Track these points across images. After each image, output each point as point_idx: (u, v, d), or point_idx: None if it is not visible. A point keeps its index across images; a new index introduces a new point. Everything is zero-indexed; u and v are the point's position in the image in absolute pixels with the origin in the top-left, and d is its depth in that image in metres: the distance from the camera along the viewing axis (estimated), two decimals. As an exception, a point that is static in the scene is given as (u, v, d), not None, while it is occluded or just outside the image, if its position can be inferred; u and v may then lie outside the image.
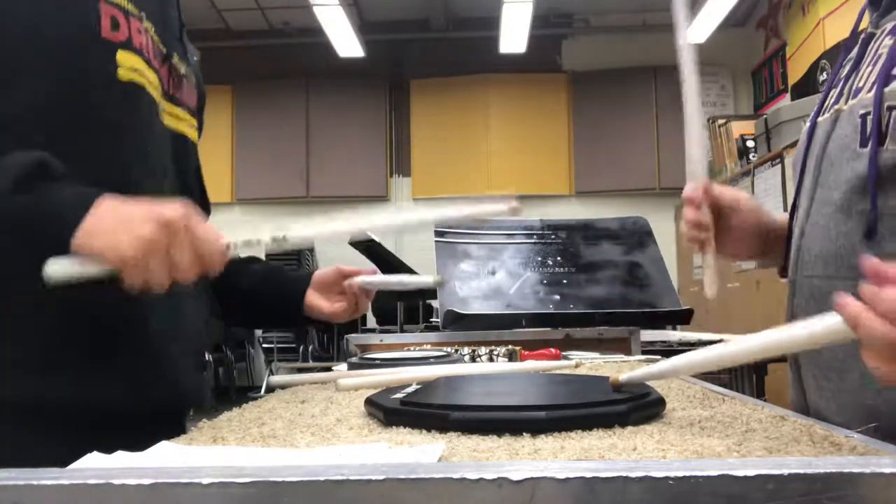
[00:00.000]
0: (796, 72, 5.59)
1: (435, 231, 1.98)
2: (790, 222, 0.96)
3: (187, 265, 0.72)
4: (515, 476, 0.42)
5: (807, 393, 0.90)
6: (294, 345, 6.78)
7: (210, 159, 1.15)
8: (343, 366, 1.32)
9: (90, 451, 0.54)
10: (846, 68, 0.92)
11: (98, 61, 0.83)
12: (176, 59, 0.97)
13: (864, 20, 0.95)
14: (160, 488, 0.42)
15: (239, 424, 0.74)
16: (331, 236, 0.90)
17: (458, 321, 1.77)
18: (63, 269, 0.72)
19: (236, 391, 6.52)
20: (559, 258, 2.00)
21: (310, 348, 6.77)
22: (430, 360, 1.17)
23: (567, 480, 0.42)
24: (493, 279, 1.93)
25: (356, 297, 1.18)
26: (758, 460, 0.46)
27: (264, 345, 6.93)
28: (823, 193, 0.87)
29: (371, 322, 6.20)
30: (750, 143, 4.84)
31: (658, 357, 1.47)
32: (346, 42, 6.42)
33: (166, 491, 0.42)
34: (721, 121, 5.39)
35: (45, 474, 0.43)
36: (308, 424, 0.72)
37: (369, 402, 0.76)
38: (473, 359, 1.32)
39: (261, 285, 1.18)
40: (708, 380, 1.05)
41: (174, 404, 0.96)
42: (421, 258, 2.16)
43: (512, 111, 7.13)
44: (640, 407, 0.69)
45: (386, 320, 5.48)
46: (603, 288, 1.94)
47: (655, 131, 6.79)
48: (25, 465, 0.45)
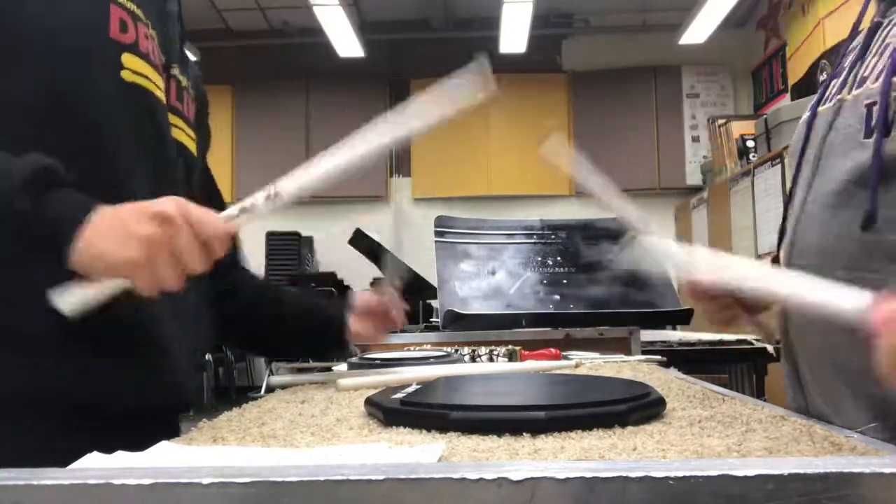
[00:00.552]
0: (796, 72, 5.59)
1: (435, 231, 1.98)
2: (785, 212, 0.95)
3: (194, 254, 0.71)
4: (515, 476, 0.42)
5: (805, 390, 0.89)
6: (294, 345, 6.76)
7: (210, 159, 1.15)
8: (343, 366, 1.32)
9: (86, 449, 0.54)
10: (849, 57, 0.91)
11: (103, 60, 0.83)
12: (177, 71, 0.97)
13: (866, 18, 0.94)
14: (160, 488, 0.42)
15: (239, 424, 0.74)
16: (325, 178, 0.87)
17: (458, 321, 1.77)
18: (76, 298, 0.70)
19: (236, 391, 6.52)
20: (559, 258, 2.00)
21: (310, 348, 6.75)
22: (430, 360, 1.17)
23: (567, 480, 0.42)
24: (493, 279, 1.93)
25: (392, 321, 1.21)
26: (758, 460, 0.46)
27: (264, 345, 6.92)
28: (821, 183, 0.86)
29: (371, 322, 6.19)
30: (750, 143, 4.85)
31: (658, 357, 1.46)
32: (346, 42, 6.42)
33: (166, 491, 0.42)
34: (721, 121, 5.39)
35: (45, 474, 0.43)
36: (308, 424, 0.72)
37: (369, 402, 0.76)
38: (473, 359, 1.32)
39: (305, 314, 1.20)
40: (708, 380, 1.05)
41: (171, 403, 0.97)
42: (421, 258, 2.16)
43: (512, 111, 7.13)
44: (640, 407, 0.69)
45: (386, 320, 5.46)
46: (603, 288, 1.94)
47: (655, 131, 6.78)
48: (22, 463, 0.45)
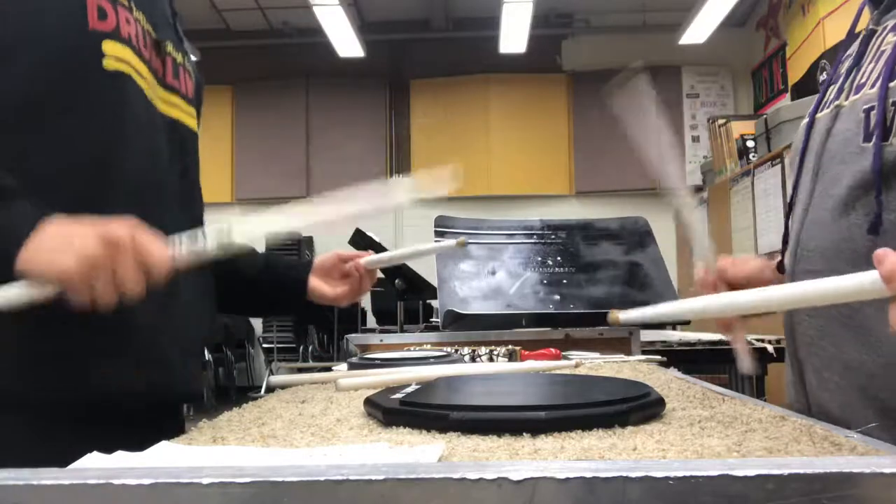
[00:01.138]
0: (796, 72, 5.59)
1: (435, 231, 1.98)
2: (787, 218, 0.96)
3: (132, 279, 0.73)
4: (515, 476, 0.42)
5: (808, 390, 0.89)
6: (294, 345, 6.78)
7: (210, 159, 1.15)
8: (343, 366, 1.32)
9: (86, 449, 0.54)
10: (846, 64, 0.92)
11: (84, 51, 0.84)
12: (170, 48, 0.97)
13: (861, 21, 0.95)
14: (160, 488, 0.42)
15: (239, 424, 0.74)
16: (280, 230, 0.88)
17: (458, 321, 1.77)
18: (4, 295, 0.72)
19: (236, 391, 6.52)
20: (559, 258, 2.00)
21: (310, 348, 6.77)
22: (430, 360, 1.17)
23: (567, 480, 0.42)
24: (493, 279, 1.93)
25: (359, 280, 1.20)
26: (758, 460, 0.46)
27: (264, 345, 6.93)
28: (823, 189, 0.86)
29: (371, 322, 6.21)
30: (750, 143, 4.84)
31: (658, 357, 1.47)
32: (346, 42, 6.42)
33: (166, 491, 0.42)
34: (721, 121, 5.39)
35: (45, 474, 0.43)
36: (308, 424, 0.72)
37: (369, 402, 0.76)
38: (473, 359, 1.32)
39: (263, 272, 1.19)
40: (708, 380, 1.05)
41: (169, 398, 0.97)
42: (421, 258, 2.15)
43: (512, 111, 7.13)
44: (640, 407, 0.69)
45: (386, 320, 5.48)
46: (603, 288, 1.94)
47: (655, 131, 6.78)
48: (18, 459, 0.45)
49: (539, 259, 2.00)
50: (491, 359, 1.32)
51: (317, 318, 6.43)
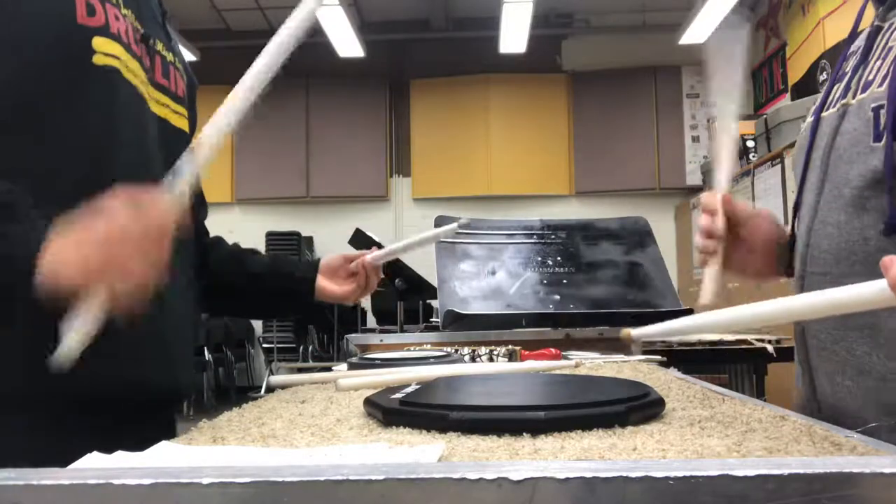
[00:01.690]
0: (796, 72, 5.59)
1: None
2: (794, 220, 0.95)
3: (153, 238, 0.70)
4: (515, 476, 0.42)
5: (819, 395, 0.88)
6: (294, 345, 6.78)
7: (210, 159, 1.14)
8: (343, 366, 1.32)
9: (86, 449, 0.54)
10: (851, 62, 0.90)
11: (73, 46, 0.83)
12: (160, 47, 0.97)
13: (865, 20, 0.94)
14: (160, 488, 0.42)
15: (239, 424, 0.74)
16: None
17: (458, 321, 1.77)
18: (72, 341, 0.69)
19: (236, 391, 6.52)
20: (559, 258, 2.00)
21: (310, 348, 6.77)
22: (430, 360, 1.17)
23: (567, 480, 0.42)
24: (493, 279, 1.93)
25: (366, 277, 1.21)
26: (758, 460, 0.46)
27: (264, 345, 6.93)
28: (832, 189, 0.85)
29: (371, 322, 6.21)
30: (750, 143, 4.84)
31: (658, 357, 1.47)
32: (346, 42, 6.42)
33: (166, 491, 0.42)
34: (721, 121, 5.37)
35: (45, 474, 0.43)
36: (308, 424, 0.72)
37: (369, 402, 0.76)
38: (473, 359, 1.32)
39: (271, 272, 1.19)
40: (708, 380, 1.05)
41: (166, 394, 0.97)
42: (421, 258, 2.16)
43: (512, 111, 7.13)
44: (640, 407, 0.69)
45: (386, 320, 5.48)
46: (603, 288, 1.94)
47: (655, 131, 6.79)
48: (16, 457, 0.45)
49: (539, 259, 2.00)
50: (491, 359, 1.32)
51: (317, 318, 6.43)
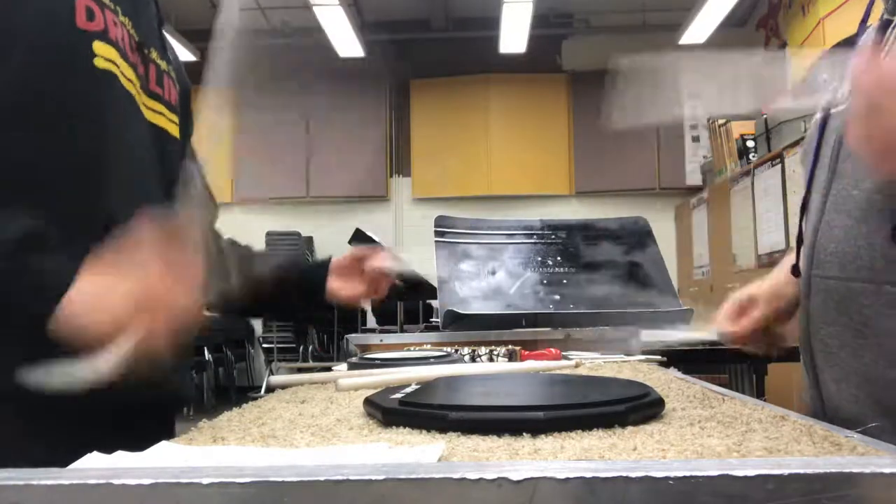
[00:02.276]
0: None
1: (435, 231, 1.98)
2: (801, 218, 0.94)
3: (166, 335, 0.72)
4: (515, 476, 0.42)
5: (825, 398, 0.88)
6: (294, 345, 6.77)
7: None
8: (343, 366, 1.31)
9: (86, 449, 0.54)
10: None
11: (74, 49, 0.83)
12: (154, 55, 0.97)
13: (873, 16, 0.93)
14: (160, 488, 0.42)
15: (239, 424, 0.74)
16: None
17: (458, 321, 1.77)
18: (82, 378, 0.69)
19: (236, 391, 6.52)
20: (559, 258, 2.00)
21: (310, 348, 6.77)
22: (430, 360, 1.17)
23: (567, 480, 0.42)
24: (493, 279, 1.93)
25: (376, 281, 1.20)
26: (758, 460, 0.46)
27: (264, 345, 6.93)
28: (840, 188, 0.84)
29: (371, 322, 6.20)
30: (750, 143, 4.84)
31: (658, 357, 1.46)
32: (346, 42, 6.42)
33: (166, 491, 0.42)
34: (721, 121, 5.39)
35: (45, 474, 0.43)
36: (308, 424, 0.72)
37: (369, 402, 0.76)
38: (473, 359, 1.32)
39: (284, 273, 1.18)
40: (708, 380, 1.05)
41: (162, 400, 0.96)
42: (421, 258, 2.16)
43: (512, 111, 7.13)
44: (640, 407, 0.69)
45: (386, 320, 5.48)
46: (603, 288, 1.94)
47: (655, 131, 6.79)
48: (16, 457, 0.45)
49: (539, 259, 2.00)
50: (491, 359, 1.32)
51: (317, 319, 6.43)
